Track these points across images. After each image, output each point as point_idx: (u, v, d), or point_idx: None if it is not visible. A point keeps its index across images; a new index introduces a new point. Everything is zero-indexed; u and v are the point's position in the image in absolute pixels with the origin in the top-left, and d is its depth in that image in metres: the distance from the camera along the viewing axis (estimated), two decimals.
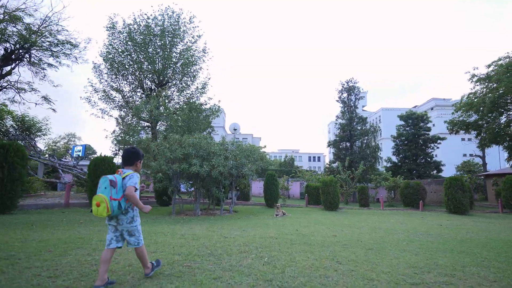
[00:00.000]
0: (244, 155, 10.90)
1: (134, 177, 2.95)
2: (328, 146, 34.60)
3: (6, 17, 12.23)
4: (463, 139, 51.36)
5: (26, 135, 20.16)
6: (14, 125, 20.17)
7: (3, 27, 11.93)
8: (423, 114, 31.58)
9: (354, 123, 31.87)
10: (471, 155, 44.53)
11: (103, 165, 10.60)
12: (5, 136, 19.36)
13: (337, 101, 33.44)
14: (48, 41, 13.68)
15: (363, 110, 37.81)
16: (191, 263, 3.59)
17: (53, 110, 14.66)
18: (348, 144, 32.00)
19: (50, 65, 14.26)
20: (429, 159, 30.71)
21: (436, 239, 6.24)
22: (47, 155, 21.12)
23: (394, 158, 32.41)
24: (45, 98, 14.17)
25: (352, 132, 31.41)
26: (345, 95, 33.07)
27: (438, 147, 31.43)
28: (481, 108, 19.64)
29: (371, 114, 63.83)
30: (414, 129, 31.34)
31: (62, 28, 14.49)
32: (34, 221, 6.89)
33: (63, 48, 13.49)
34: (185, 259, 3.80)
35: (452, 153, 50.02)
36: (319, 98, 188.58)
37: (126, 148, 3.23)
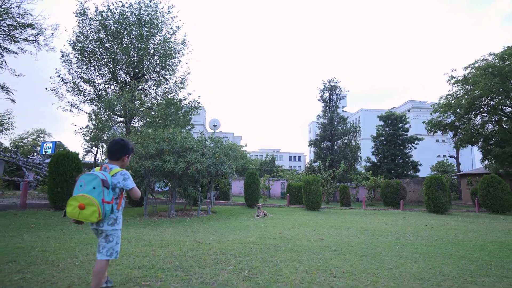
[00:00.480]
0: (223, 152, 10.17)
1: (130, 177, 2.53)
2: (309, 145, 34.47)
3: None
4: (437, 140, 53.13)
5: None
6: None
7: None
8: (401, 115, 32.08)
9: (335, 123, 31.90)
10: (444, 155, 46.22)
11: (66, 162, 9.54)
12: None
13: (318, 100, 33.37)
14: (6, 23, 12.27)
15: (343, 110, 38.03)
16: (151, 281, 2.87)
17: (12, 100, 13.21)
18: (329, 143, 31.97)
19: (8, 50, 12.81)
20: (407, 159, 31.24)
21: (428, 241, 5.84)
22: (9, 153, 19.36)
23: (373, 158, 32.74)
24: (2, 87, 12.68)
25: (333, 131, 31.40)
26: (326, 94, 33.05)
27: (415, 148, 32.03)
28: (458, 110, 19.98)
29: (350, 114, 64.77)
30: (393, 129, 31.76)
31: (25, 12, 13.11)
32: None
33: (22, 31, 12.07)
34: (145, 274, 3.06)
35: (427, 153, 51.59)
36: (300, 98, 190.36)
37: (113, 139, 2.63)
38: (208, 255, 4.03)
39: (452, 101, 20.64)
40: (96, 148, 17.07)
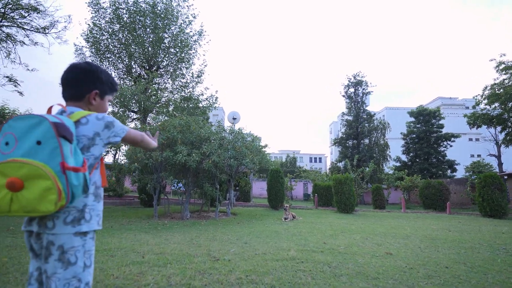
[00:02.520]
0: (245, 144, 8.67)
1: (116, 120, 1.31)
2: (334, 144, 32.51)
3: None
4: (470, 139, 49.40)
5: None
6: None
7: None
8: (435, 110, 29.47)
9: (361, 120, 29.79)
10: (479, 155, 42.60)
11: None
12: None
13: (343, 96, 31.38)
14: (17, 13, 11.45)
15: (366, 109, 35.83)
16: None
17: (20, 93, 12.43)
18: (355, 141, 29.87)
19: (21, 42, 12.05)
20: (442, 158, 28.59)
21: None
22: None
23: (403, 157, 30.29)
24: (10, 79, 11.89)
25: (360, 129, 29.31)
26: (351, 90, 31.01)
27: (451, 146, 29.31)
28: (507, 101, 17.55)
29: (375, 113, 61.81)
30: (425, 126, 29.20)
31: (37, 3, 12.28)
32: None
33: (29, 18, 11.20)
34: None
35: (460, 153, 47.90)
36: (319, 99, 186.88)
37: (71, 64, 1.31)
38: (228, 284, 2.50)
39: (500, 91, 18.21)
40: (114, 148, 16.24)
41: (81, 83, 1.31)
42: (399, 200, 20.93)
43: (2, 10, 10.75)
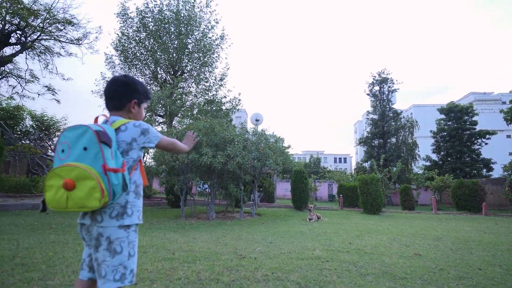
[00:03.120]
0: (268, 145, 8.75)
1: (151, 127, 1.50)
2: (359, 144, 31.78)
3: (8, 3, 10.91)
4: (508, 136, 46.35)
5: (45, 135, 19.30)
6: (34, 125, 19.41)
7: (5, 6, 10.62)
8: (468, 106, 27.94)
9: (387, 118, 28.89)
10: None
11: None
12: (25, 136, 18.63)
13: (367, 94, 30.61)
14: (55, 27, 12.31)
15: (392, 107, 34.31)
16: None
17: (57, 101, 13.30)
18: (381, 141, 29.02)
19: (57, 53, 12.94)
20: (476, 157, 27.04)
21: None
22: None
23: (433, 156, 28.98)
24: (48, 88, 12.78)
25: (386, 128, 28.44)
26: (376, 88, 30.19)
27: (486, 143, 27.63)
28: None
29: (402, 111, 59.60)
30: (457, 123, 27.77)
31: (71, 16, 13.12)
32: None
33: (63, 29, 12.00)
34: None
35: (496, 151, 45.05)
36: (343, 99, 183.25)
37: (112, 78, 1.53)
38: (255, 281, 2.58)
39: None
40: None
41: (121, 95, 1.48)
42: (429, 200, 20.09)
43: (41, 25, 11.62)
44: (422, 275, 2.95)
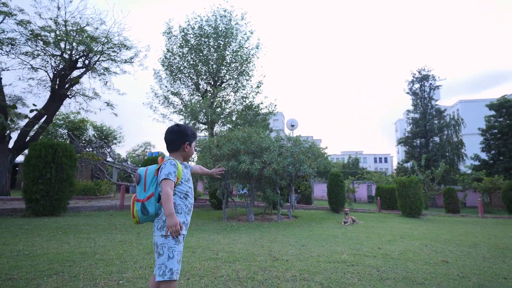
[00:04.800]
0: (302, 151, 9.24)
1: (167, 165, 1.95)
2: (399, 144, 30.69)
3: (75, 34, 12.68)
4: None
5: (104, 143, 21.71)
6: (95, 134, 21.92)
7: (71, 38, 12.40)
8: None
9: (430, 117, 27.58)
10: None
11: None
12: (89, 144, 21.15)
13: (407, 93, 29.48)
14: (111, 50, 13.94)
15: (436, 104, 32.13)
16: None
17: (115, 114, 15.06)
18: (423, 140, 27.78)
19: (114, 72, 14.64)
20: None
21: None
22: (121, 162, 22.66)
23: (483, 156, 27.02)
24: (108, 104, 14.59)
25: (428, 127, 27.16)
26: (416, 85, 28.98)
27: None
28: None
29: (447, 108, 55.79)
30: (509, 119, 25.62)
31: (125, 38, 14.74)
32: (71, 226, 6.30)
33: (119, 52, 13.59)
34: None
35: None
36: (383, 96, 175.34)
37: (168, 127, 2.23)
38: (284, 280, 3.12)
39: None
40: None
41: (176, 141, 2.14)
42: (477, 203, 18.97)
43: (101, 49, 13.29)
44: (441, 282, 3.23)
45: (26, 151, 11.21)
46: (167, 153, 2.25)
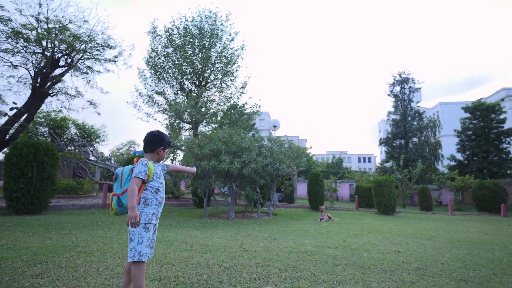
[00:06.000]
0: (281, 151, 9.65)
1: (139, 165, 2.30)
2: (380, 144, 31.68)
3: (57, 32, 12.61)
4: None
5: (87, 141, 21.47)
6: (77, 132, 21.65)
7: (53, 36, 12.33)
8: (494, 104, 27.02)
9: (409, 118, 28.65)
10: None
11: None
12: (71, 142, 20.86)
13: (388, 95, 30.49)
14: (95, 49, 13.89)
15: (417, 106, 33.34)
16: None
17: (98, 113, 14.93)
18: (402, 141, 28.83)
19: (97, 71, 14.60)
20: (504, 156, 26.12)
21: None
22: (108, 161, 22.48)
23: (458, 156, 28.29)
24: (90, 102, 14.52)
25: (408, 128, 28.22)
26: (397, 88, 30.03)
27: None
28: None
29: (427, 109, 57.57)
30: (483, 122, 26.94)
31: (108, 37, 14.68)
32: (53, 223, 6.46)
33: (103, 52, 13.61)
34: None
35: None
36: (367, 97, 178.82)
37: (149, 131, 2.58)
38: (248, 266, 3.50)
39: None
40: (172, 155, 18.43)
41: (153, 144, 2.48)
42: (452, 201, 19.91)
43: (84, 47, 13.25)
44: (385, 267, 3.64)
45: (6, 150, 11.16)
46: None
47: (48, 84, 13.40)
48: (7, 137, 13.27)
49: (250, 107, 17.89)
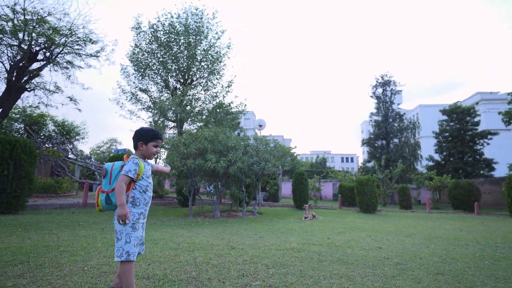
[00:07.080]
0: (267, 150, 9.72)
1: (129, 163, 2.29)
2: (362, 144, 32.44)
3: (35, 24, 12.12)
4: None
5: (66, 139, 20.72)
6: (56, 129, 20.86)
7: (31, 29, 11.84)
8: (469, 108, 28.39)
9: (390, 120, 29.52)
10: None
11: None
12: (48, 140, 20.06)
13: (371, 96, 31.31)
14: (76, 43, 13.47)
15: (398, 108, 34.52)
16: None
17: (79, 110, 14.56)
18: (384, 142, 29.66)
19: (78, 66, 14.16)
20: (478, 157, 27.42)
21: None
22: (84, 159, 21.71)
23: (436, 156, 29.44)
24: (71, 99, 14.10)
25: (389, 129, 29.05)
26: (379, 90, 30.88)
27: (488, 144, 27.96)
28: None
29: (407, 111, 59.50)
30: (459, 124, 28.18)
31: (90, 31, 14.25)
32: (31, 223, 6.23)
33: (84, 46, 13.20)
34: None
35: (504, 150, 44.81)
36: (351, 98, 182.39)
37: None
38: (236, 263, 3.53)
39: None
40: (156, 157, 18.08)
41: (135, 140, 2.46)
42: (430, 200, 20.66)
43: (64, 41, 12.80)
44: (368, 262, 3.78)
45: None
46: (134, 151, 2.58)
47: (25, 78, 12.91)
48: None
49: (236, 106, 17.85)
